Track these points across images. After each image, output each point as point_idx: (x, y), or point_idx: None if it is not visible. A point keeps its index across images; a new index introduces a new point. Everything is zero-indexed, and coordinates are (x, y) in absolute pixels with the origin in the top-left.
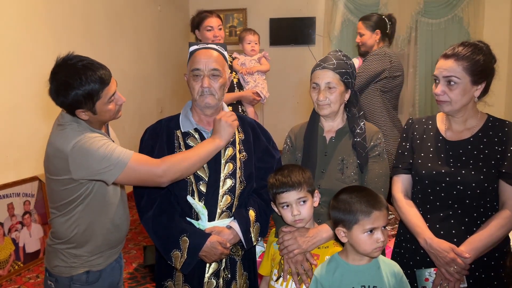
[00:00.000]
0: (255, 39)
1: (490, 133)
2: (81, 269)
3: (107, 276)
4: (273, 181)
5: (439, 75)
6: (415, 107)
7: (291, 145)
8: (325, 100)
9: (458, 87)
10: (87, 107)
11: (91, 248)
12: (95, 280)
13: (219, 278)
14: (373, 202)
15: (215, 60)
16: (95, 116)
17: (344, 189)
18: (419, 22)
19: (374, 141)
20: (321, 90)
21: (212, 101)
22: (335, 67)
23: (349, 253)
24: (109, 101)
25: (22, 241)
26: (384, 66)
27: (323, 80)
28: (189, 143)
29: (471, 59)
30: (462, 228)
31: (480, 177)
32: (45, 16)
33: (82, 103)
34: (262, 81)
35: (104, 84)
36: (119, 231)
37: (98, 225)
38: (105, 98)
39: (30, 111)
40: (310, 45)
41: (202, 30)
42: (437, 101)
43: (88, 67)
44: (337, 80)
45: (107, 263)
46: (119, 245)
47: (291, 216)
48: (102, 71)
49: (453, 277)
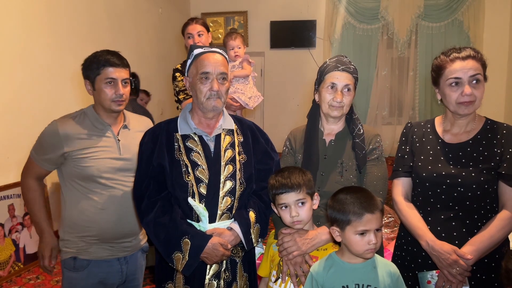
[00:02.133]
0: (237, 43)
1: (489, 135)
2: (69, 254)
3: (98, 269)
4: (273, 182)
5: (463, 76)
6: (415, 110)
7: (290, 148)
8: (341, 102)
9: (481, 85)
10: (90, 78)
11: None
12: (82, 268)
13: (220, 279)
14: (366, 205)
15: (222, 64)
16: (95, 94)
17: (342, 189)
18: (419, 25)
19: (373, 144)
20: (339, 92)
21: (219, 104)
22: (352, 71)
23: (345, 252)
24: (106, 81)
25: (23, 242)
26: None
27: (342, 82)
28: (189, 145)
29: (483, 60)
30: (463, 230)
31: (480, 178)
32: (47, 18)
33: (87, 69)
34: (243, 87)
35: (107, 63)
36: (107, 225)
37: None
38: (103, 76)
39: (31, 112)
40: (311, 48)
41: (185, 38)
42: (464, 103)
43: (107, 51)
44: (353, 84)
45: (97, 255)
46: (114, 241)
47: (289, 217)
48: (112, 57)
49: (455, 278)
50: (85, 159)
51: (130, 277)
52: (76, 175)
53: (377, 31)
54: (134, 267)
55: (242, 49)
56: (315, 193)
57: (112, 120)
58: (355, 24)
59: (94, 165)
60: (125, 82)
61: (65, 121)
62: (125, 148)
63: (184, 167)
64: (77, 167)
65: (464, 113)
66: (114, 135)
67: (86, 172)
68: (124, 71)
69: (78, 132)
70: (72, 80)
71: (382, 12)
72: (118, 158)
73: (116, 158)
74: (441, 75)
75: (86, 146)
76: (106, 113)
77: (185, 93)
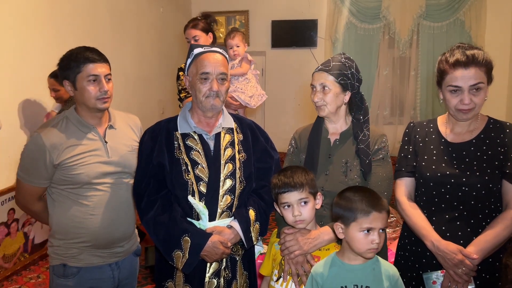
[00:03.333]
0: (235, 42)
1: (492, 134)
2: (58, 261)
3: (88, 275)
4: (276, 181)
5: (463, 85)
6: (416, 110)
7: (295, 147)
8: (320, 101)
9: (482, 92)
10: (70, 78)
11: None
12: (72, 276)
13: (220, 277)
14: (374, 203)
15: (222, 64)
16: (77, 93)
17: (350, 187)
18: (420, 25)
19: (378, 144)
20: (316, 92)
21: (218, 103)
22: (330, 68)
23: (345, 252)
24: (88, 79)
25: (33, 234)
26: None
27: (317, 82)
28: (189, 144)
29: (488, 63)
30: (468, 229)
31: (484, 178)
32: (49, 18)
33: (66, 68)
34: (243, 86)
35: (87, 60)
36: (99, 230)
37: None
38: (84, 73)
39: (32, 112)
40: (312, 48)
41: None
42: (462, 110)
43: (84, 47)
44: (331, 82)
45: (88, 262)
46: (106, 248)
47: (292, 217)
48: (91, 53)
49: (461, 278)
50: (74, 166)
51: (122, 282)
52: (65, 182)
53: (379, 31)
54: (127, 271)
55: (242, 47)
56: (318, 193)
57: (97, 121)
58: (357, 23)
59: (84, 171)
60: (108, 78)
61: (48, 131)
62: (112, 150)
63: (184, 165)
64: (66, 175)
65: (463, 119)
66: (101, 137)
67: (76, 179)
68: (105, 66)
69: (63, 141)
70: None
71: (384, 11)
72: (106, 161)
73: (104, 162)
74: (443, 79)
75: (74, 153)
76: (90, 113)
77: (186, 92)
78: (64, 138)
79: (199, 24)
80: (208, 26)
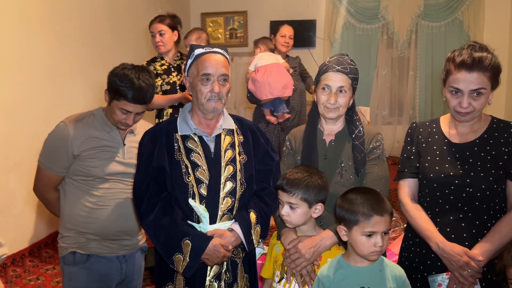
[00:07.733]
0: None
1: (496, 134)
2: (68, 250)
3: (98, 265)
4: (286, 174)
5: (464, 89)
6: (415, 109)
7: (290, 149)
8: (336, 104)
9: (483, 97)
10: (110, 94)
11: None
12: (81, 262)
13: (221, 280)
14: (376, 206)
15: (223, 65)
16: (108, 107)
17: (353, 188)
18: (419, 25)
19: (373, 143)
20: (333, 93)
21: (220, 105)
22: (348, 71)
23: (351, 255)
24: (121, 110)
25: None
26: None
27: (336, 83)
28: (189, 146)
29: (494, 68)
30: (473, 231)
31: (489, 178)
32: (47, 19)
33: (112, 85)
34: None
35: (126, 97)
36: (106, 222)
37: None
38: (120, 105)
39: (32, 112)
40: (311, 48)
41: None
42: (460, 113)
43: (137, 79)
44: (349, 85)
45: (97, 250)
46: (113, 239)
47: (281, 212)
48: (139, 94)
49: (467, 280)
50: (91, 159)
51: (129, 278)
52: (80, 173)
53: (377, 31)
54: (133, 267)
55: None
56: (320, 204)
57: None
58: (355, 24)
59: (99, 165)
60: (139, 114)
61: (74, 123)
62: (129, 153)
63: (184, 168)
64: (82, 166)
65: (461, 121)
66: (121, 139)
67: (91, 172)
68: (141, 107)
69: (87, 133)
70: (72, 80)
71: (382, 11)
72: (121, 162)
73: (119, 162)
74: (447, 78)
75: (93, 146)
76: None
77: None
78: (87, 131)
79: (166, 19)
80: (174, 24)
